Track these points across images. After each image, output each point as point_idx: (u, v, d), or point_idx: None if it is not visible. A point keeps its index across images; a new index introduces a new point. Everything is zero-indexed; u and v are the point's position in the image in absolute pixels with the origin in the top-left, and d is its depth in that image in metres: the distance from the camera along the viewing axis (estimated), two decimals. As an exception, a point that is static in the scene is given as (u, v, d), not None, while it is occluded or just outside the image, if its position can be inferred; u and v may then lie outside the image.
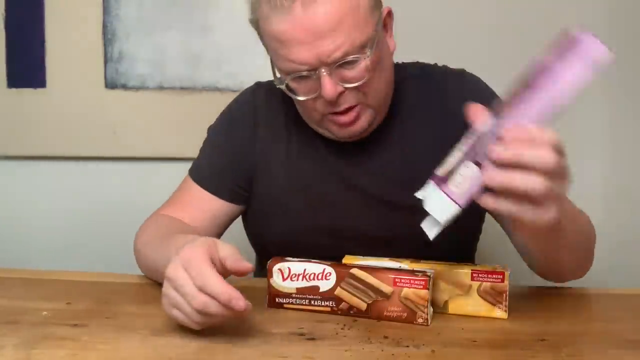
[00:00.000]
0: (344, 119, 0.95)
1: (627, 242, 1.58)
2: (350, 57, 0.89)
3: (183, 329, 0.81)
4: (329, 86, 0.90)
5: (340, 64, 0.89)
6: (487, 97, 1.06)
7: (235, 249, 0.78)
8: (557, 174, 0.69)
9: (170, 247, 0.84)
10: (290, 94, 0.95)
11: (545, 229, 0.73)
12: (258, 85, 1.13)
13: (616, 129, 1.58)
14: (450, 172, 0.72)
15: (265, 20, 0.91)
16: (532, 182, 0.67)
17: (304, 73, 0.90)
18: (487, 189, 0.70)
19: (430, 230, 0.75)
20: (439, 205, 0.73)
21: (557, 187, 0.69)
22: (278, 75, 0.95)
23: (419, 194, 0.74)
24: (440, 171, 0.73)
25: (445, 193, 0.72)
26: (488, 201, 0.70)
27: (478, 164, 0.70)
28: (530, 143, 0.67)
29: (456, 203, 0.72)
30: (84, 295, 0.94)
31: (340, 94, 0.92)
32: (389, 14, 1.00)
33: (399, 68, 1.05)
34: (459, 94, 1.03)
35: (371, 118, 0.97)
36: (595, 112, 1.57)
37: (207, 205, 1.06)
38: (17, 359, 0.73)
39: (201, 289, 0.73)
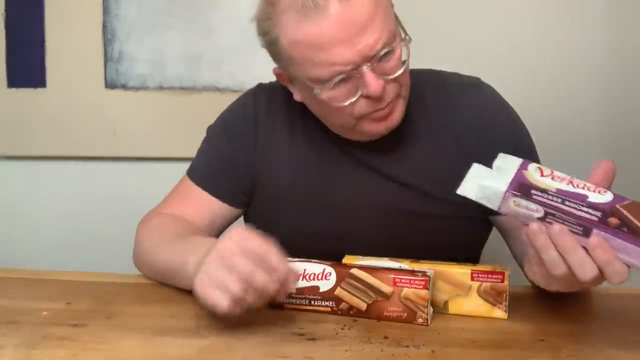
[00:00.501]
0: (383, 113, 0.91)
1: (627, 242, 1.58)
2: (388, 48, 0.87)
3: (183, 329, 0.81)
4: (375, 82, 0.86)
5: (380, 57, 0.87)
6: (502, 109, 1.04)
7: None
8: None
9: (194, 246, 0.86)
10: (328, 104, 0.90)
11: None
12: (260, 86, 1.11)
13: (616, 129, 1.58)
14: (529, 193, 0.71)
15: (292, 31, 0.86)
16: (554, 263, 0.70)
17: (344, 75, 0.86)
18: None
19: (467, 187, 0.74)
20: (491, 192, 0.72)
21: (573, 282, 0.71)
22: (310, 86, 0.90)
23: (502, 155, 0.74)
24: (530, 175, 0.72)
25: (504, 196, 0.71)
26: (523, 234, 0.71)
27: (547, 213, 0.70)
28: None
29: (498, 207, 0.72)
30: (84, 295, 0.94)
31: (384, 88, 0.88)
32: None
33: (414, 73, 1.01)
34: (474, 107, 1.02)
35: (404, 109, 0.95)
36: (595, 112, 1.57)
37: (206, 206, 1.05)
38: (17, 359, 0.73)
39: (261, 262, 0.75)
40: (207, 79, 1.60)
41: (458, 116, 1.01)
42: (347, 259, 0.92)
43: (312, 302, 0.87)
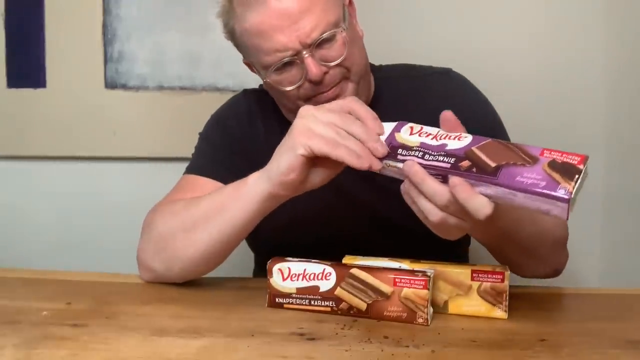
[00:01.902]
0: (327, 95, 0.97)
1: (627, 242, 1.58)
2: (327, 34, 0.95)
3: (183, 329, 0.81)
4: (313, 66, 0.94)
5: (319, 44, 0.95)
6: (472, 96, 1.08)
7: None
8: (454, 213, 0.74)
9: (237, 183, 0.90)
10: (276, 88, 0.98)
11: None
12: (245, 90, 1.16)
13: (615, 130, 1.58)
14: (396, 153, 0.77)
15: (241, 23, 0.97)
16: (428, 210, 0.74)
17: (287, 59, 0.95)
18: None
19: None
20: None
21: (456, 223, 0.74)
22: (262, 72, 0.99)
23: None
24: (401, 137, 0.78)
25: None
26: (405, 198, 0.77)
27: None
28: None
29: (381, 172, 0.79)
30: (84, 295, 0.94)
31: (325, 74, 0.96)
32: (351, 2, 1.04)
33: (381, 69, 1.09)
34: (443, 93, 1.06)
35: (354, 93, 0.99)
36: (595, 112, 1.57)
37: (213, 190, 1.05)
38: (17, 359, 0.73)
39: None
40: (207, 79, 1.60)
41: (428, 103, 1.03)
42: (347, 259, 0.92)
43: (312, 302, 0.87)
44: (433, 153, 0.75)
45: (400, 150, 0.77)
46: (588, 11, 1.54)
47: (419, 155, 0.75)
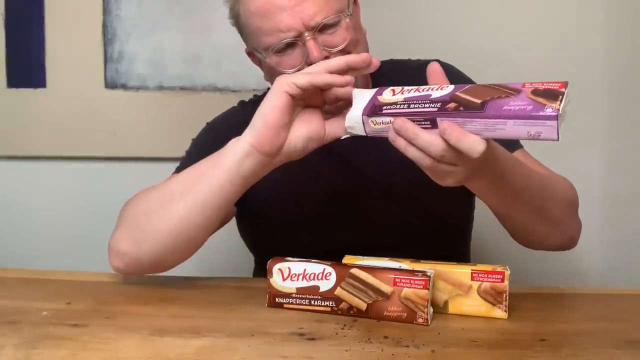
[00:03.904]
0: None
1: (627, 242, 1.58)
2: (330, 18, 0.96)
3: (182, 329, 0.81)
4: (314, 49, 0.95)
5: (322, 28, 0.96)
6: (459, 76, 1.09)
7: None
8: (449, 161, 0.75)
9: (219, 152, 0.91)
10: (276, 70, 0.98)
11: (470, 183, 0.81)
12: (243, 101, 1.17)
13: (615, 129, 1.58)
14: (380, 110, 0.78)
15: (246, 6, 0.98)
16: (419, 158, 0.76)
17: (289, 40, 0.96)
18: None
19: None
20: (354, 121, 0.81)
21: (448, 169, 0.76)
22: (263, 55, 1.00)
23: (355, 91, 0.82)
24: (382, 98, 0.79)
25: (362, 120, 0.80)
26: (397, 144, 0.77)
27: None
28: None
29: (365, 131, 0.80)
30: (84, 295, 0.94)
31: (325, 58, 0.95)
32: (355, 2, 1.05)
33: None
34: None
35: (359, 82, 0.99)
36: (595, 112, 1.57)
37: None
38: (17, 359, 0.73)
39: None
40: (207, 79, 1.60)
41: None
42: (347, 259, 0.92)
43: (312, 302, 0.87)
44: (418, 102, 0.76)
45: (385, 108, 0.78)
46: (588, 11, 1.54)
47: (405, 107, 0.76)
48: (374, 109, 0.79)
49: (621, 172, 1.58)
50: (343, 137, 0.87)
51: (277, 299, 0.88)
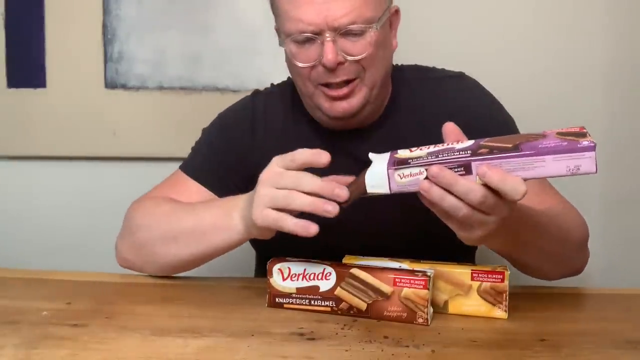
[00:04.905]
0: (337, 92, 0.96)
1: (627, 242, 1.58)
2: (356, 26, 0.93)
3: (183, 329, 0.81)
4: (330, 52, 0.92)
5: (345, 32, 0.93)
6: (485, 101, 1.07)
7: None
8: (486, 209, 0.73)
9: (222, 200, 0.95)
10: (291, 60, 0.97)
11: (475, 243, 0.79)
12: (257, 92, 1.15)
13: (615, 129, 1.58)
14: (406, 162, 0.75)
15: None
16: (456, 208, 0.73)
17: (309, 35, 0.93)
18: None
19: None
20: (377, 180, 0.77)
21: (482, 218, 0.74)
22: (283, 39, 0.98)
23: (372, 155, 0.79)
24: (401, 154, 0.77)
25: (388, 175, 0.76)
26: (425, 202, 0.76)
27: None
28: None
29: (389, 188, 0.77)
30: (84, 295, 0.94)
31: (340, 64, 0.94)
32: (397, 12, 1.03)
33: (396, 70, 1.07)
34: (457, 97, 1.05)
35: (364, 98, 0.98)
36: (595, 112, 1.57)
37: (196, 196, 1.05)
38: (17, 359, 0.73)
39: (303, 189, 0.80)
40: (207, 79, 1.60)
41: (443, 108, 1.03)
42: (347, 259, 0.92)
43: (312, 302, 0.87)
44: (445, 153, 0.74)
45: (410, 161, 0.75)
46: (588, 11, 1.54)
47: (432, 158, 0.74)
48: (400, 162, 0.76)
49: (621, 172, 1.58)
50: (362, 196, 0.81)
51: (277, 299, 0.88)
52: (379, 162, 0.78)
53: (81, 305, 0.90)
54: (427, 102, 1.05)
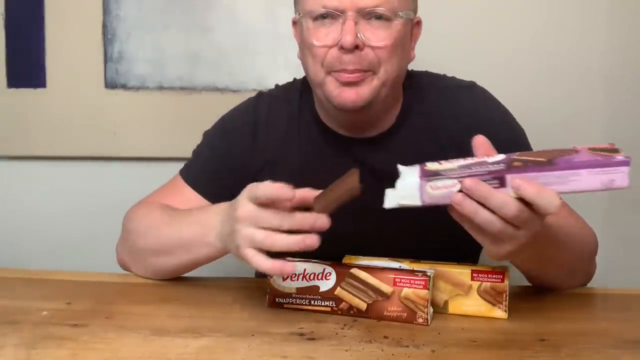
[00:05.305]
0: (348, 76, 0.93)
1: (627, 242, 1.58)
2: (382, 9, 0.91)
3: (182, 329, 0.81)
4: (349, 32, 0.90)
5: (368, 16, 0.91)
6: (498, 112, 1.05)
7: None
8: (520, 224, 0.72)
9: (202, 211, 0.93)
10: (307, 39, 0.95)
11: (502, 259, 0.78)
12: (261, 95, 1.12)
13: (616, 129, 1.58)
14: (437, 174, 0.74)
15: None
16: (489, 222, 0.72)
17: (330, 10, 0.91)
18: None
19: (388, 200, 0.77)
20: (408, 191, 0.75)
21: (513, 233, 0.73)
22: (301, 20, 0.96)
23: (401, 167, 0.77)
24: (430, 167, 0.75)
25: (420, 186, 0.75)
26: (455, 215, 0.75)
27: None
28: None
29: (421, 199, 0.75)
30: (84, 295, 0.94)
31: (357, 49, 0.91)
32: (418, 24, 1.01)
33: (407, 77, 1.04)
34: (471, 109, 1.03)
35: (374, 92, 0.95)
36: (595, 112, 1.57)
37: (193, 203, 1.04)
38: (17, 359, 0.73)
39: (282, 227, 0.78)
40: (207, 79, 1.60)
41: (456, 119, 1.02)
42: (347, 259, 0.92)
43: (312, 302, 0.87)
44: (478, 165, 0.73)
45: (442, 173, 0.74)
46: (588, 11, 1.54)
47: (466, 169, 0.73)
48: (432, 174, 0.74)
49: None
50: (389, 207, 0.78)
51: (277, 299, 0.88)
52: (408, 173, 0.76)
53: (81, 305, 0.90)
54: (441, 113, 1.03)
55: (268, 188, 0.79)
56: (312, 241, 0.77)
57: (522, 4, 1.56)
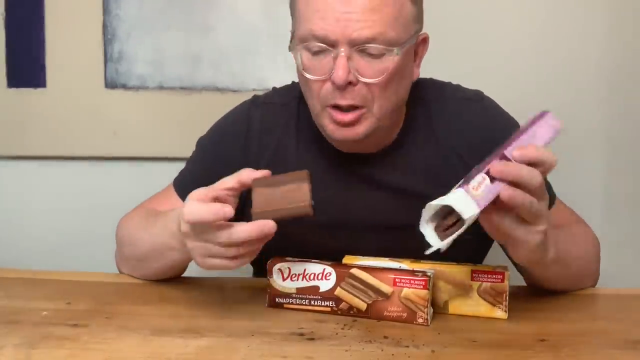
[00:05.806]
0: (342, 117, 0.90)
1: (627, 243, 1.58)
2: (375, 45, 0.86)
3: (182, 329, 0.81)
4: (342, 69, 0.86)
5: (362, 49, 0.87)
6: (507, 126, 0.99)
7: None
8: (542, 193, 0.77)
9: (165, 216, 0.92)
10: (299, 70, 0.92)
11: (537, 256, 0.80)
12: (254, 102, 1.08)
13: (615, 130, 1.58)
14: (465, 177, 0.76)
15: None
16: (535, 175, 0.75)
17: (322, 45, 0.87)
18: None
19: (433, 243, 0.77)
20: (463, 202, 0.74)
21: (537, 206, 0.76)
22: (296, 44, 0.92)
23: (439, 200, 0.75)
24: (469, 183, 0.75)
25: (466, 193, 0.74)
26: (486, 225, 0.77)
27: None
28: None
29: (477, 205, 0.74)
30: (84, 295, 0.94)
31: (350, 84, 0.88)
32: (424, 40, 0.97)
33: (412, 85, 0.99)
34: (479, 123, 1.01)
35: (371, 128, 0.92)
36: (595, 112, 1.57)
37: None
38: (17, 359, 0.73)
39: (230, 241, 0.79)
40: (207, 79, 1.60)
41: (463, 134, 1.00)
42: (347, 259, 0.92)
43: (312, 302, 0.87)
44: (485, 159, 0.78)
45: (466, 176, 0.76)
46: (588, 11, 1.54)
47: (482, 165, 0.76)
48: (464, 180, 0.76)
49: (621, 173, 1.58)
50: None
51: (277, 299, 0.88)
52: (451, 194, 0.75)
53: (81, 305, 0.90)
54: (448, 126, 1.01)
55: (192, 215, 0.80)
56: (229, 210, 0.78)
57: (522, 4, 1.56)
